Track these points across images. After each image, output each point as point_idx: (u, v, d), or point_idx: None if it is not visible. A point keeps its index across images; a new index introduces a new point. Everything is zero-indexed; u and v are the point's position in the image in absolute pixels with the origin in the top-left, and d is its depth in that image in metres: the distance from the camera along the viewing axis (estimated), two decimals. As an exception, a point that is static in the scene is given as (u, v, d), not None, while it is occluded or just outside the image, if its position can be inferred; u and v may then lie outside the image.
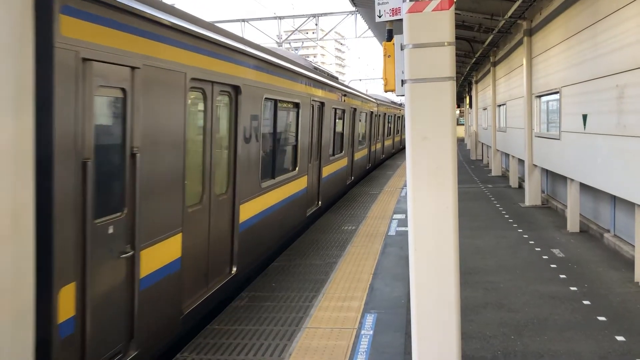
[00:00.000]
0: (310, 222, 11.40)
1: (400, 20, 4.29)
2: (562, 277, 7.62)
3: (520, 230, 10.75)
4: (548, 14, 12.21)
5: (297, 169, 9.98)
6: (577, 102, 10.16)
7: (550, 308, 6.39)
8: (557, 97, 11.71)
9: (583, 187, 10.67)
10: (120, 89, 4.29)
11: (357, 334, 5.59)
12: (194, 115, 5.83)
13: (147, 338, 4.69)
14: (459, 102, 44.16)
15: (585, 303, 6.55)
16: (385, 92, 6.34)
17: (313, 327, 5.80)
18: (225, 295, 6.65)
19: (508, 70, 18.28)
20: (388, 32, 6.31)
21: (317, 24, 28.53)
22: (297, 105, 9.96)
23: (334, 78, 15.14)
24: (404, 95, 4.30)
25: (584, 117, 9.63)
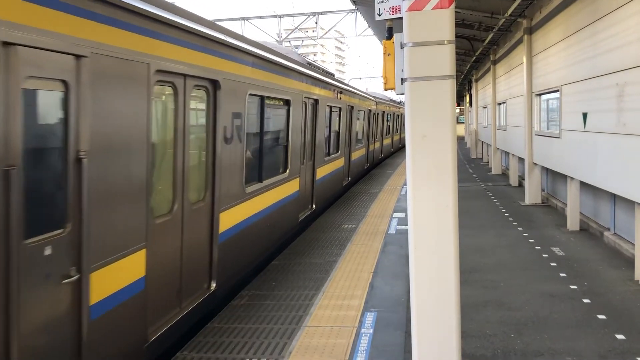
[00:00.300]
0: (304, 226, 10.85)
1: (400, 19, 4.29)
2: (562, 275, 7.62)
3: (521, 229, 10.75)
4: (548, 13, 12.20)
5: (288, 171, 9.28)
6: (577, 100, 10.16)
7: (550, 306, 6.39)
8: (557, 95, 11.70)
9: (583, 185, 10.66)
10: (61, 82, 3.62)
11: (357, 333, 5.59)
12: (162, 113, 5.22)
13: None
14: (459, 100, 44.15)
15: (585, 301, 6.55)
16: (385, 90, 6.34)
17: (313, 325, 5.81)
18: (204, 313, 6.05)
19: (508, 69, 18.27)
20: (388, 30, 6.32)
21: (317, 23, 28.53)
22: (287, 103, 9.26)
23: (330, 75, 14.50)
24: (404, 94, 4.30)
25: (584, 115, 9.62)
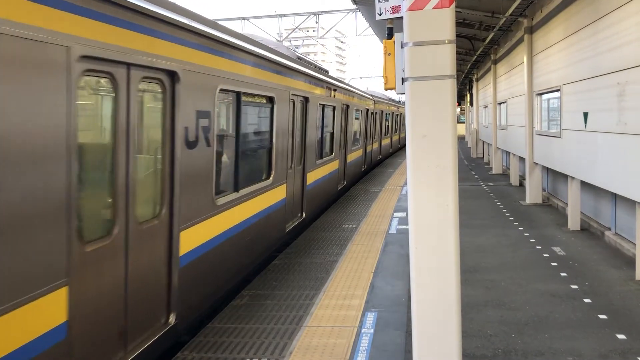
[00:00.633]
0: (293, 237, 10.05)
1: (401, 18, 4.29)
2: (562, 275, 7.61)
3: (521, 229, 10.74)
4: (549, 12, 12.20)
5: (272, 178, 8.23)
6: (577, 99, 10.15)
7: (551, 306, 6.39)
8: (557, 95, 11.70)
9: (584, 185, 10.66)
10: None
11: (357, 332, 5.58)
12: (95, 111, 4.32)
13: None
14: (460, 100, 44.16)
15: (586, 301, 6.54)
16: (386, 90, 6.33)
17: (313, 325, 5.80)
18: (162, 351, 5.10)
19: (509, 68, 18.26)
20: (388, 30, 6.31)
21: (317, 22, 28.51)
22: (271, 100, 8.22)
23: (323, 71, 13.53)
24: (404, 94, 4.29)
25: (585, 114, 9.61)
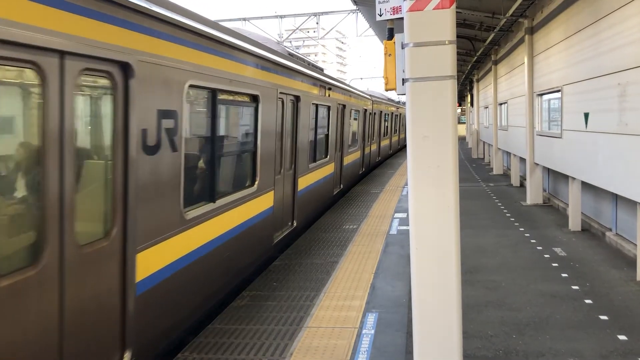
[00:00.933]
0: (282, 248, 9.17)
1: (401, 19, 4.28)
2: (563, 276, 7.61)
3: (522, 229, 10.73)
4: (549, 13, 12.19)
5: (256, 185, 7.44)
6: (578, 100, 10.15)
7: (552, 307, 6.38)
8: (558, 95, 11.69)
9: (585, 185, 10.65)
10: None
11: (358, 333, 5.58)
12: (10, 110, 3.56)
13: None
14: (460, 100, 44.16)
15: (587, 302, 6.54)
16: (386, 90, 6.33)
17: (314, 326, 5.80)
18: None
19: (509, 69, 18.26)
20: (389, 30, 6.31)
21: (318, 23, 28.54)
22: (255, 99, 7.40)
23: (317, 69, 12.71)
24: (405, 94, 4.29)
25: (586, 115, 9.61)
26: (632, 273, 7.60)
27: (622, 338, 5.47)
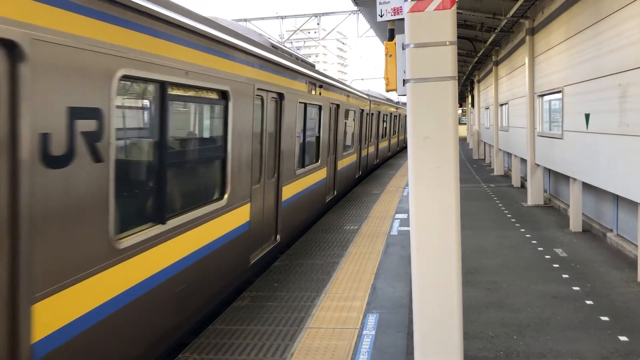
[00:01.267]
0: (262, 268, 8.12)
1: (402, 20, 4.29)
2: (564, 276, 7.60)
3: (523, 230, 10.73)
4: (550, 13, 12.19)
5: (226, 197, 6.30)
6: (579, 101, 10.15)
7: (553, 308, 6.38)
8: (559, 96, 11.69)
9: (585, 186, 10.65)
10: None
11: (359, 334, 5.58)
12: None
13: None
14: (461, 101, 44.18)
15: (588, 303, 6.53)
16: (387, 91, 6.33)
17: (315, 327, 5.80)
18: None
19: (510, 70, 18.26)
20: (390, 31, 6.30)
21: (319, 24, 28.54)
22: (224, 95, 6.26)
23: (307, 64, 11.47)
24: (406, 95, 4.29)
25: (587, 116, 9.61)
26: (633, 274, 7.60)
27: (622, 339, 5.47)
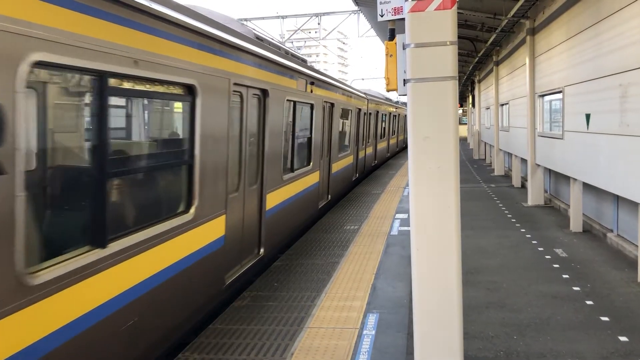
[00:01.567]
0: (241, 288, 7.23)
1: (403, 20, 4.29)
2: (564, 277, 7.60)
3: (523, 230, 10.73)
4: (551, 13, 12.19)
5: (193, 210, 5.40)
6: (580, 101, 10.14)
7: (553, 308, 6.38)
8: (560, 96, 11.69)
9: (586, 186, 10.64)
10: None
11: (359, 334, 5.58)
12: None
13: None
14: (462, 101, 44.16)
15: (588, 303, 6.53)
16: (388, 91, 6.33)
17: (315, 326, 5.80)
18: None
19: (511, 70, 18.25)
20: (390, 31, 6.30)
21: (319, 23, 28.55)
22: (190, 90, 5.36)
23: (297, 59, 10.50)
24: (406, 95, 4.30)
25: (587, 116, 9.61)
26: (633, 274, 7.60)
27: (623, 339, 5.47)
